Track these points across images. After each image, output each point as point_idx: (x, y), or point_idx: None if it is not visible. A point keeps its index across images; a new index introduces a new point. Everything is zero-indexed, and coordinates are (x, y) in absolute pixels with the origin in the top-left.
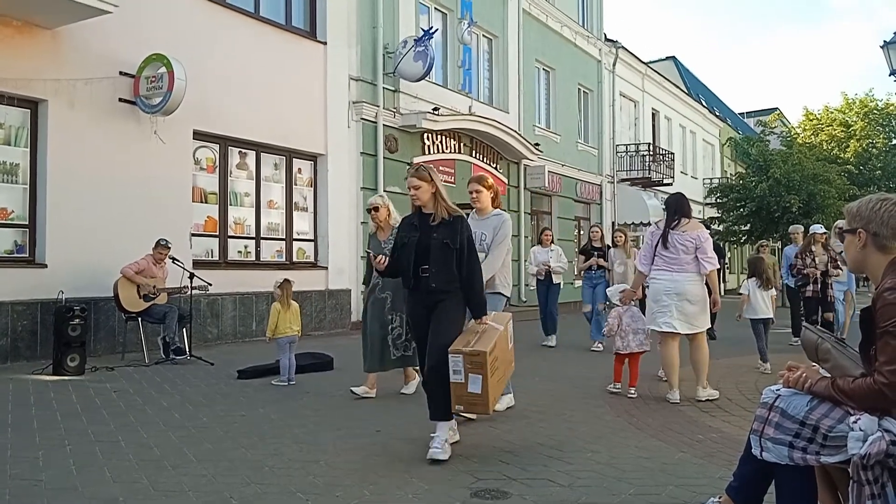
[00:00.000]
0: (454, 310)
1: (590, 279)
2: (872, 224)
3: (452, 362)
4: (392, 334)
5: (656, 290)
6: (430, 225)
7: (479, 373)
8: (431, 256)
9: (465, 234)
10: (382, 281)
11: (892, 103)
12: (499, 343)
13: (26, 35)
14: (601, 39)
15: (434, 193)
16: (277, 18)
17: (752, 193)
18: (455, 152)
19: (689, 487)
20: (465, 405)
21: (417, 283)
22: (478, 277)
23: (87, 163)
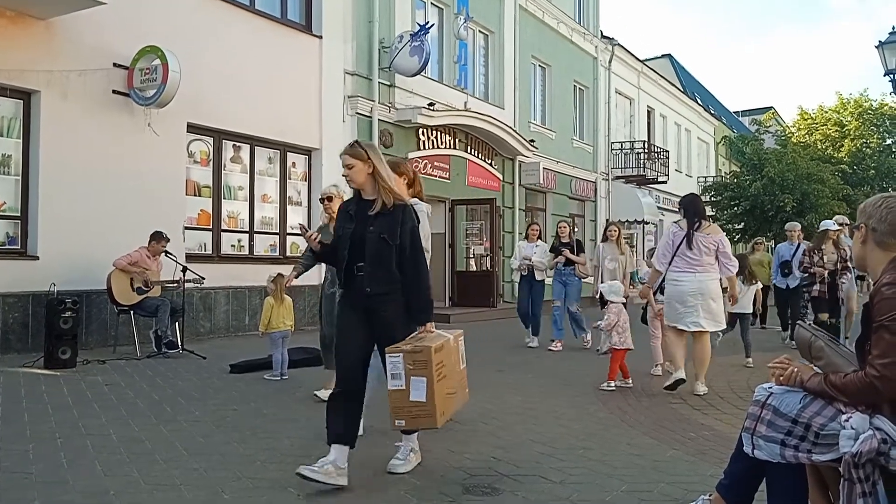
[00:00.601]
0: (400, 317)
1: (560, 275)
2: (872, 220)
3: (391, 364)
4: None
5: (681, 290)
6: (368, 215)
7: (422, 374)
8: (366, 253)
9: (407, 226)
10: (331, 275)
11: (886, 103)
12: (447, 350)
13: (20, 25)
14: (597, 36)
15: (372, 174)
16: (273, 12)
17: (746, 192)
18: (450, 148)
19: (680, 485)
20: (408, 418)
21: (350, 282)
22: (423, 279)
23: (80, 155)
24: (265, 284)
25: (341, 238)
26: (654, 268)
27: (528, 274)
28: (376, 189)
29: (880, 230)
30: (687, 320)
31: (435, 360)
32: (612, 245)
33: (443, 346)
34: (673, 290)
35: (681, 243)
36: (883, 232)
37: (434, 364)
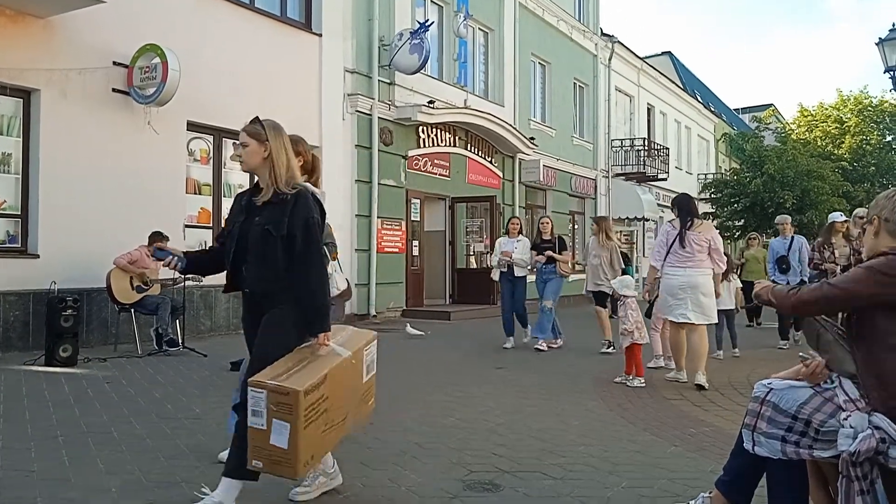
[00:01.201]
0: (282, 324)
1: (541, 274)
2: (885, 211)
3: (251, 399)
4: None
5: (671, 284)
6: (256, 205)
7: (286, 419)
8: (249, 248)
9: (299, 217)
10: None
11: (886, 100)
12: (335, 377)
13: (19, 24)
14: (597, 34)
15: (267, 159)
16: (273, 10)
17: (746, 189)
18: (450, 146)
19: (681, 481)
20: (266, 462)
21: (237, 284)
22: (315, 279)
23: (80, 153)
24: None
25: (230, 233)
26: (651, 265)
27: (508, 271)
28: (271, 175)
29: (893, 220)
30: (676, 312)
31: (305, 403)
32: (595, 241)
33: (325, 381)
34: (665, 284)
35: (674, 241)
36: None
37: (304, 408)
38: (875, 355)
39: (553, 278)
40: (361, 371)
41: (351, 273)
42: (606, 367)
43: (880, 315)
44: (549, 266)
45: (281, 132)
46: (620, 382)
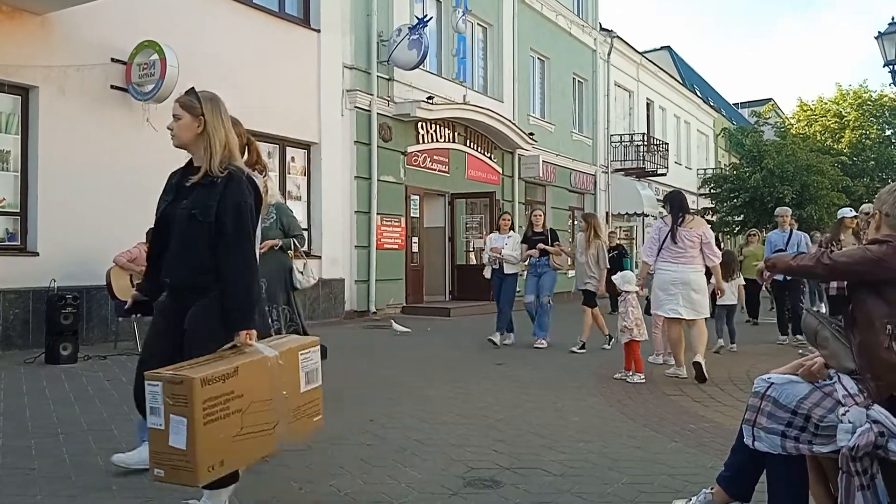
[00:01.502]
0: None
1: (534, 268)
2: (886, 205)
3: (149, 395)
4: (271, 329)
5: (663, 280)
6: (185, 186)
7: (182, 413)
8: (173, 234)
9: (230, 201)
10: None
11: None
12: (252, 374)
13: (17, 21)
14: (596, 29)
15: (202, 134)
16: (271, 5)
17: (745, 184)
18: (449, 141)
19: (681, 477)
20: (167, 468)
21: (157, 274)
22: (241, 271)
23: (79, 150)
24: None
25: (159, 217)
26: (643, 260)
27: (499, 268)
28: (206, 153)
29: (894, 215)
30: (666, 307)
31: (203, 395)
32: (583, 238)
33: (234, 373)
34: (657, 279)
35: (666, 237)
36: (894, 216)
37: (201, 399)
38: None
39: (547, 272)
40: (297, 378)
41: (350, 270)
42: (606, 364)
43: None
44: (543, 259)
45: (219, 106)
46: (620, 378)
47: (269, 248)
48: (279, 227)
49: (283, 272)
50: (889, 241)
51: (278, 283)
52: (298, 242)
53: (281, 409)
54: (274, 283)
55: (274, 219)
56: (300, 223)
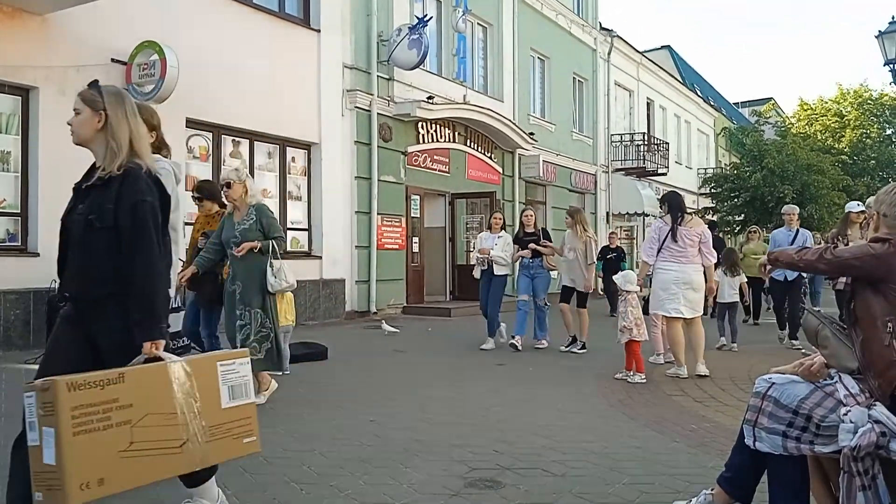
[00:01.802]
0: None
1: (527, 269)
2: (884, 206)
3: (27, 409)
4: (243, 333)
5: (665, 279)
6: (82, 189)
7: (50, 423)
8: (70, 244)
9: (125, 201)
10: (233, 269)
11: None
12: (145, 382)
13: (17, 21)
14: (596, 28)
15: (102, 130)
16: (271, 6)
17: (746, 183)
18: (449, 141)
19: (682, 477)
20: (44, 489)
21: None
22: (143, 277)
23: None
24: None
25: (60, 228)
26: (643, 260)
27: (488, 268)
28: (106, 151)
29: (891, 214)
30: (668, 306)
31: (71, 401)
32: (571, 233)
33: (117, 379)
34: (658, 278)
35: (666, 237)
36: (893, 216)
37: (69, 406)
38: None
39: (541, 273)
40: (215, 392)
41: (351, 270)
42: (607, 364)
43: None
44: (536, 260)
45: (124, 101)
46: (621, 379)
47: (247, 250)
48: (259, 229)
49: (262, 275)
50: (889, 240)
51: (254, 286)
52: (278, 244)
53: (194, 425)
54: (250, 286)
55: (253, 220)
56: (302, 223)
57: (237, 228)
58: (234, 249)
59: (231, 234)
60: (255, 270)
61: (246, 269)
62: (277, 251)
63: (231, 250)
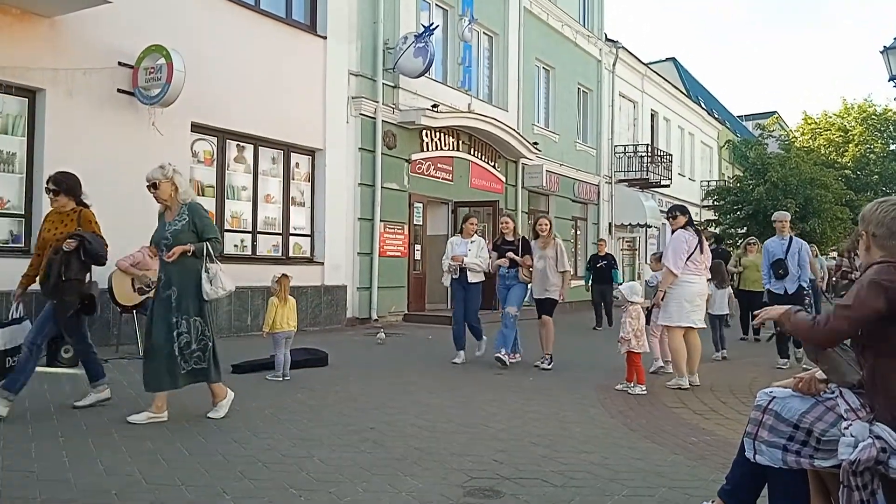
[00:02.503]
0: None
1: (504, 279)
2: (871, 225)
3: None
4: (179, 342)
5: (692, 291)
6: None
7: None
8: None
9: None
10: (166, 273)
11: (890, 109)
12: None
13: (25, 23)
14: (601, 39)
15: None
16: (278, 12)
17: (749, 196)
18: (453, 150)
19: (681, 489)
20: None
21: None
22: None
23: (85, 153)
24: (268, 285)
25: None
26: (671, 270)
27: (461, 276)
28: None
29: (879, 234)
30: (694, 317)
31: None
32: (541, 242)
33: None
34: (684, 290)
35: (695, 250)
36: (882, 235)
37: None
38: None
39: (515, 284)
40: None
41: (353, 277)
42: (608, 375)
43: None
44: (512, 270)
45: None
46: (622, 390)
47: (179, 254)
48: (192, 230)
49: (198, 280)
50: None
51: (191, 293)
52: (213, 247)
53: None
54: (185, 293)
55: (186, 220)
56: (305, 229)
57: (168, 230)
58: (165, 254)
59: (162, 236)
60: (190, 275)
61: (181, 274)
62: (213, 254)
63: (161, 254)
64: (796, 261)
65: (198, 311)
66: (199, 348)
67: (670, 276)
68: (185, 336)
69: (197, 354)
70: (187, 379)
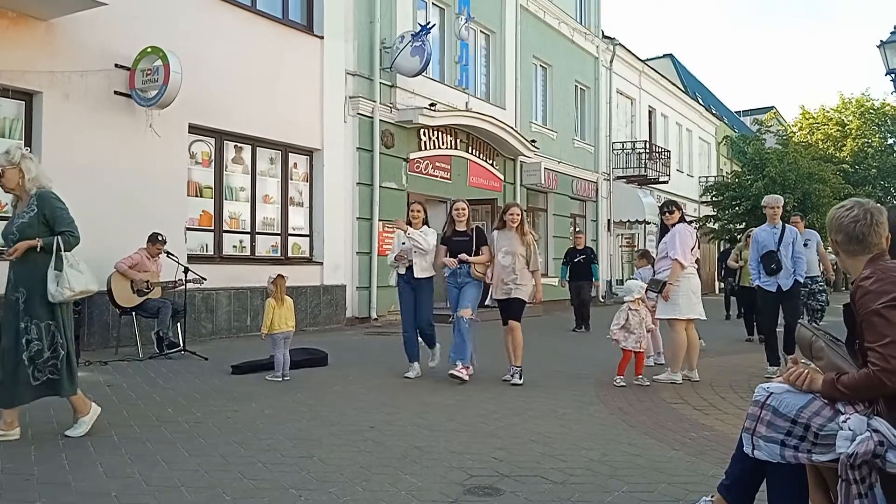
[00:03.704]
0: None
1: (453, 277)
2: (832, 232)
3: None
4: (30, 350)
5: (696, 283)
6: None
7: None
8: None
9: None
10: (14, 274)
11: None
12: None
13: (21, 26)
14: (598, 36)
15: None
16: (274, 12)
17: (747, 192)
18: (451, 148)
19: (681, 485)
20: None
21: None
22: None
23: (82, 156)
24: (266, 286)
25: None
26: (681, 262)
27: (408, 273)
28: None
29: (840, 241)
30: (698, 309)
31: None
32: (508, 234)
33: None
34: (691, 282)
35: (695, 244)
36: (842, 241)
37: None
38: None
39: (469, 282)
40: None
41: (352, 276)
42: (607, 372)
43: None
44: (464, 267)
45: None
46: (620, 385)
47: (23, 250)
48: (43, 222)
49: (45, 280)
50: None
51: (38, 294)
52: (66, 241)
53: None
54: (33, 295)
55: (34, 212)
56: (303, 229)
57: (15, 223)
58: (8, 251)
59: (9, 231)
60: (40, 275)
61: (29, 273)
62: (65, 249)
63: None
64: (790, 252)
65: (49, 315)
66: (52, 356)
67: (679, 269)
68: (36, 343)
69: (52, 364)
70: (39, 391)
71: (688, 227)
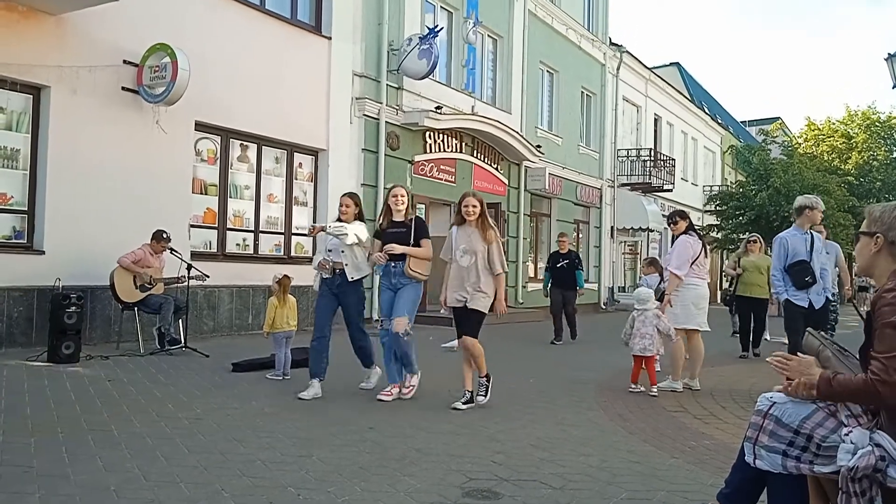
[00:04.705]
0: None
1: (387, 278)
2: (892, 232)
3: None
4: None
5: (698, 294)
6: None
7: None
8: None
9: None
10: None
11: (894, 116)
12: None
13: (31, 21)
14: (606, 43)
15: None
16: (283, 12)
17: (751, 202)
18: (456, 151)
19: (680, 493)
20: None
21: None
22: None
23: (88, 151)
24: (269, 284)
25: None
26: (678, 274)
27: (333, 276)
28: None
29: (891, 237)
30: (699, 320)
31: None
32: (468, 230)
33: None
34: (692, 293)
35: (700, 253)
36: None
37: None
38: None
39: (407, 284)
40: None
41: None
42: (607, 378)
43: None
44: (399, 265)
45: None
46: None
47: None
48: None
49: None
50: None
51: None
52: None
53: None
54: None
55: None
56: (307, 229)
57: None
58: None
59: None
60: None
61: None
62: None
63: None
64: (819, 263)
65: None
66: None
67: (675, 280)
68: None
69: None
70: None
71: (689, 239)
